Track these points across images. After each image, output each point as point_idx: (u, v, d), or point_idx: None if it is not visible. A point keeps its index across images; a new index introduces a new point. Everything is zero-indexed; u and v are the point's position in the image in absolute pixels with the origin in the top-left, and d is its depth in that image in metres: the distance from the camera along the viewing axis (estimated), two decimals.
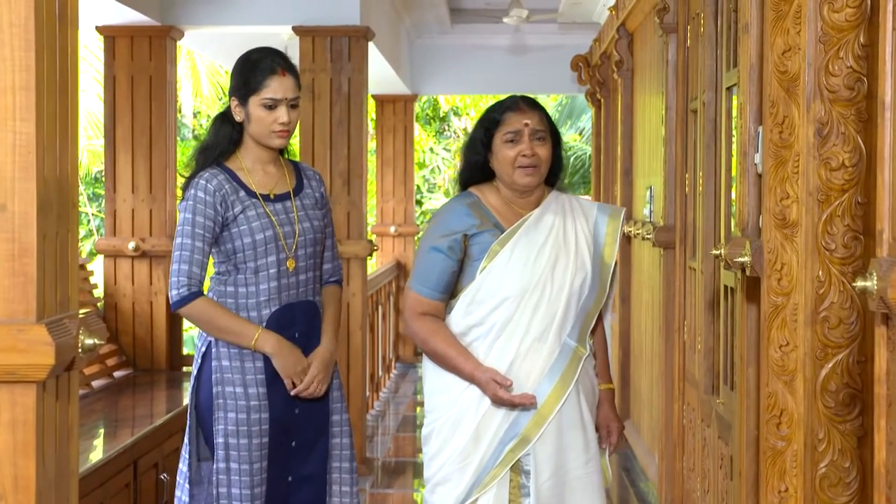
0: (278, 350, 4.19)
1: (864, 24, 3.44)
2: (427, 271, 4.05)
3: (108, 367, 7.34)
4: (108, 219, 7.78)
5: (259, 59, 4.24)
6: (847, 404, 3.50)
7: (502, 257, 4.00)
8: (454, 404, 4.00)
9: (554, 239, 4.03)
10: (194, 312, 4.18)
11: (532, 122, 4.03)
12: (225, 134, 4.31)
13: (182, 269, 4.14)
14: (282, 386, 4.23)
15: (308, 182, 4.42)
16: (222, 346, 4.21)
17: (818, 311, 3.52)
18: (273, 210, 4.24)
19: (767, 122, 3.63)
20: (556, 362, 3.98)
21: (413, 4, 11.46)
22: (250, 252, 4.18)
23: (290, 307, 4.25)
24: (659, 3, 6.33)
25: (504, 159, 4.03)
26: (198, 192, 4.18)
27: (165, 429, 6.00)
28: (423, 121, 22.03)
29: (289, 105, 4.22)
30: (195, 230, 4.15)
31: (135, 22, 7.56)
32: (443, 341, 4.00)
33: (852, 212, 3.47)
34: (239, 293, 4.21)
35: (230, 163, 4.28)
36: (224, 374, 4.20)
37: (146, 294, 7.72)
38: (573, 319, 4.02)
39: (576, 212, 4.13)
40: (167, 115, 7.72)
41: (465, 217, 4.06)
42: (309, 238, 4.30)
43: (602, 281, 4.10)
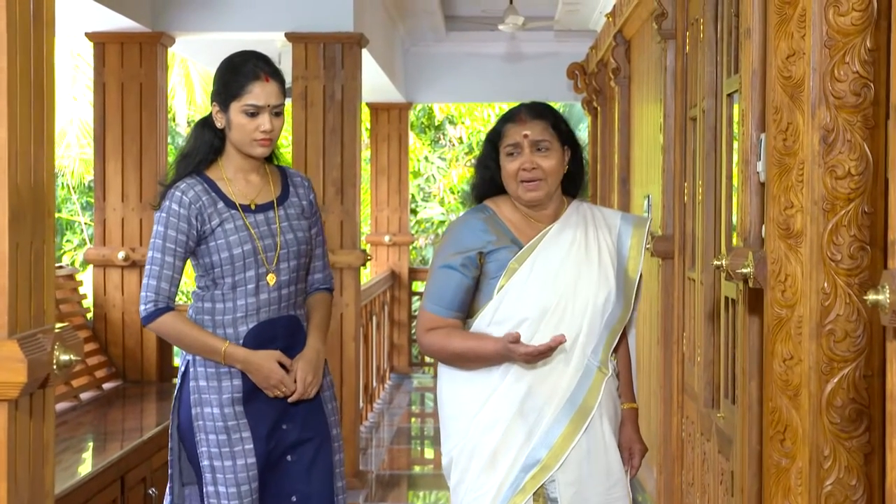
0: (247, 363, 4.02)
1: (871, 28, 3.34)
2: (440, 290, 3.84)
3: (96, 378, 7.26)
4: (98, 228, 7.70)
5: (241, 63, 4.06)
6: (853, 420, 3.39)
7: (521, 275, 3.79)
8: (467, 431, 3.80)
9: (575, 254, 3.82)
10: (162, 329, 4.05)
11: (532, 132, 3.82)
12: (205, 141, 4.11)
13: (150, 284, 4.00)
14: (263, 403, 4.07)
15: (294, 190, 4.23)
16: (199, 366, 4.05)
17: (823, 324, 3.40)
18: (253, 222, 4.06)
19: (771, 129, 3.53)
20: (579, 384, 3.76)
21: (407, 11, 11.40)
22: (228, 267, 4.02)
23: (271, 323, 4.09)
24: (657, 8, 6.24)
25: (507, 174, 3.84)
26: (172, 203, 4.00)
27: (154, 442, 5.90)
28: (418, 129, 21.93)
29: (272, 112, 4.04)
30: (166, 244, 3.98)
31: (125, 28, 7.49)
32: (459, 339, 3.79)
33: (859, 221, 3.36)
34: (216, 309, 4.06)
35: (211, 171, 4.10)
36: (202, 395, 4.05)
37: (136, 304, 7.58)
38: (596, 338, 3.80)
39: (598, 223, 3.93)
40: (158, 122, 7.64)
41: (480, 233, 3.85)
42: (292, 251, 4.11)
43: (626, 296, 3.88)
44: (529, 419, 3.73)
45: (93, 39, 7.63)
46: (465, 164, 22.44)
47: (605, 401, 3.80)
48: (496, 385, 3.78)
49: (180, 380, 4.13)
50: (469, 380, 3.83)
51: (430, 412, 11.64)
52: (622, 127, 9.08)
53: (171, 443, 4.17)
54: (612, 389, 3.86)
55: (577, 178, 3.97)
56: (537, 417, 3.73)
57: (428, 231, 21.41)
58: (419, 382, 12.89)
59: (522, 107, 3.91)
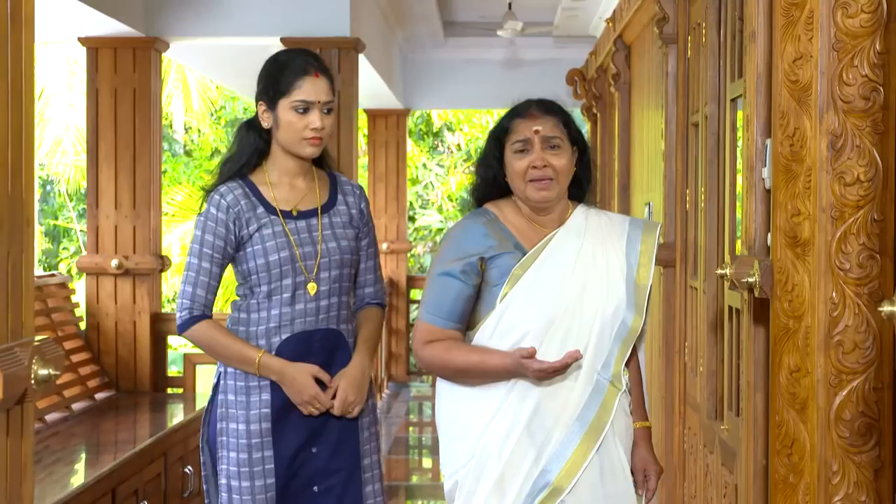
0: (282, 374, 3.84)
1: (881, 31, 3.29)
2: (439, 298, 3.61)
3: (89, 388, 7.16)
4: (91, 235, 7.60)
5: (289, 60, 3.92)
6: (863, 434, 3.32)
7: (525, 283, 3.56)
8: (472, 453, 3.56)
9: (583, 261, 3.60)
10: (196, 337, 3.90)
11: (544, 128, 3.59)
12: (250, 143, 3.98)
13: (186, 290, 3.88)
14: (294, 422, 3.89)
15: (343, 197, 4.06)
16: (230, 379, 3.91)
17: (832, 335, 3.33)
18: (293, 228, 3.90)
19: (777, 134, 3.46)
20: (589, 402, 3.53)
21: (405, 17, 11.35)
22: (264, 274, 3.86)
23: (307, 336, 3.90)
24: (658, 13, 6.17)
25: (514, 172, 3.61)
26: (210, 208, 3.89)
27: (147, 454, 5.82)
28: (417, 136, 21.90)
29: (322, 109, 3.89)
30: (203, 249, 3.87)
31: (118, 33, 7.40)
32: (461, 353, 3.55)
33: (868, 229, 3.30)
34: (251, 319, 3.91)
35: (254, 175, 3.96)
36: (229, 410, 3.90)
37: (130, 313, 7.56)
38: (607, 351, 3.57)
39: (606, 229, 3.70)
40: (152, 128, 7.55)
41: (481, 237, 3.62)
42: (334, 259, 3.93)
43: (638, 306, 3.63)
44: (538, 439, 3.50)
45: (86, 44, 7.52)
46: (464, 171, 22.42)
47: (617, 418, 3.57)
48: (500, 403, 3.55)
49: (212, 392, 4.00)
50: (472, 397, 3.60)
51: (428, 421, 11.55)
52: (622, 133, 9.01)
53: (203, 457, 4.02)
54: (626, 406, 3.64)
55: (583, 180, 3.77)
56: (546, 437, 3.50)
57: (426, 238, 21.37)
58: (417, 391, 12.81)
59: (531, 102, 3.70)
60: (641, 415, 3.76)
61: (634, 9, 7.74)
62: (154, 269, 7.54)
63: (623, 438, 3.61)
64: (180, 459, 6.31)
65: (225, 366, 3.94)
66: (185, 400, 7.49)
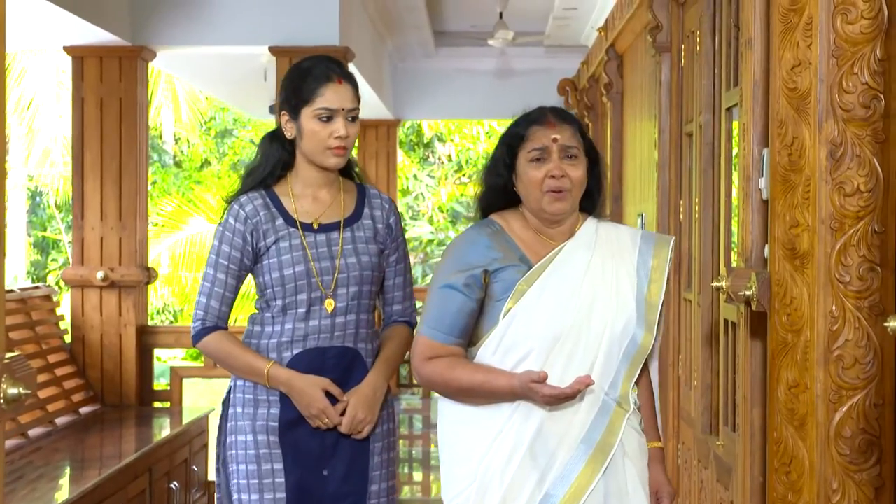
0: (290, 385, 3.72)
1: (881, 37, 3.24)
2: (440, 313, 3.43)
3: (73, 402, 7.08)
4: (76, 247, 7.51)
5: (312, 66, 3.80)
6: (863, 452, 3.27)
7: (530, 298, 3.37)
8: (474, 476, 3.37)
9: (591, 275, 3.42)
10: (208, 349, 3.81)
11: (562, 137, 3.41)
12: (273, 154, 3.87)
13: (200, 301, 3.81)
14: (303, 437, 3.77)
15: (370, 211, 3.91)
16: (238, 392, 3.82)
17: (831, 350, 3.28)
18: (312, 242, 3.78)
19: (775, 143, 3.41)
20: (595, 422, 3.35)
21: (396, 27, 11.29)
22: (278, 288, 3.75)
23: (320, 352, 3.77)
24: (651, 21, 6.14)
25: (529, 182, 3.42)
26: (229, 217, 3.81)
27: (132, 469, 5.76)
28: (407, 146, 21.89)
29: (347, 117, 3.76)
30: (219, 260, 3.79)
31: (104, 42, 7.31)
32: (465, 372, 3.37)
33: (868, 241, 3.26)
34: (263, 332, 3.80)
35: (278, 187, 3.85)
36: (238, 423, 3.80)
37: (115, 326, 7.47)
38: (614, 370, 3.38)
39: (617, 242, 3.52)
40: (138, 138, 7.47)
41: (485, 249, 3.44)
42: (353, 276, 3.79)
43: (648, 323, 3.44)
44: (541, 462, 3.32)
45: (71, 53, 7.45)
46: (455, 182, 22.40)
47: (627, 440, 3.39)
48: (503, 424, 3.38)
49: (223, 408, 3.91)
50: (474, 417, 3.43)
51: (418, 434, 11.47)
52: (615, 143, 8.97)
53: (218, 479, 3.90)
54: (636, 427, 3.44)
55: (594, 192, 3.58)
56: (550, 460, 3.34)
57: (417, 250, 21.33)
58: (407, 404, 12.72)
59: (547, 109, 3.52)
60: (654, 435, 3.56)
61: (627, 17, 7.73)
62: (140, 281, 7.46)
63: (636, 459, 3.42)
64: (166, 475, 6.26)
65: (236, 379, 3.86)
66: (172, 414, 7.41)
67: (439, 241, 21.41)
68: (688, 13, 5.71)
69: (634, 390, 3.46)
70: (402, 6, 10.54)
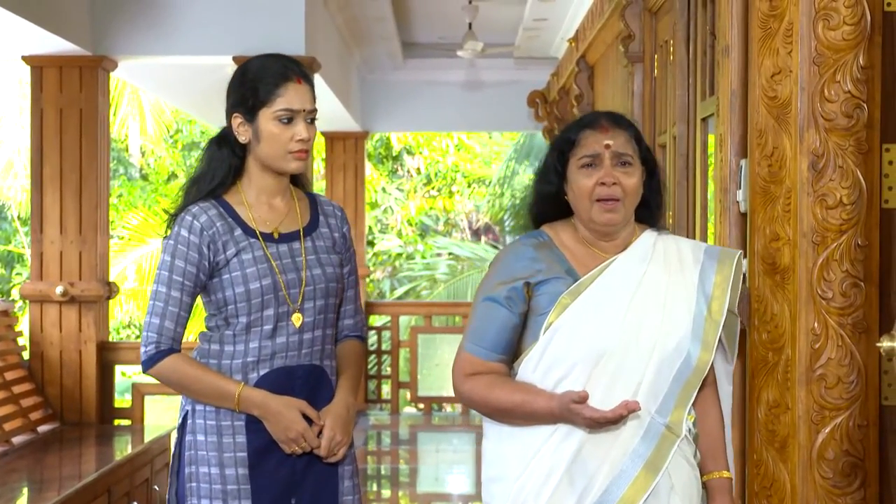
0: (265, 408, 3.44)
1: (864, 44, 3.19)
2: (482, 327, 3.25)
3: (31, 421, 6.95)
4: (35, 262, 7.39)
5: (268, 65, 3.51)
6: (847, 475, 3.22)
7: (573, 312, 3.17)
8: (510, 495, 3.19)
9: (644, 290, 3.20)
10: (164, 374, 3.47)
11: (615, 143, 3.22)
12: (223, 160, 3.57)
13: (153, 323, 3.45)
14: (273, 466, 3.50)
15: (325, 219, 3.67)
16: (199, 418, 3.49)
17: (813, 369, 3.23)
18: (275, 253, 3.51)
19: (754, 154, 3.36)
20: (640, 446, 3.10)
21: (364, 37, 11.22)
22: (243, 304, 3.45)
23: (288, 372, 3.50)
24: (623, 30, 6.08)
25: (580, 190, 3.22)
26: (181, 230, 3.48)
27: (91, 490, 5.65)
28: (376, 159, 21.84)
29: (306, 119, 3.50)
30: (173, 276, 3.46)
31: (64, 51, 7.20)
32: (504, 392, 3.19)
33: (852, 255, 3.21)
34: (224, 352, 3.49)
35: (228, 196, 3.56)
36: (198, 452, 3.48)
37: (75, 342, 7.34)
38: (664, 392, 3.13)
39: (676, 256, 3.29)
40: (99, 150, 7.36)
41: (528, 261, 3.25)
42: (319, 288, 3.55)
43: (706, 342, 3.17)
44: (578, 486, 3.12)
45: (30, 63, 7.33)
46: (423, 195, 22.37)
47: (675, 471, 3.13)
48: (540, 444, 3.18)
49: (178, 434, 3.57)
50: (513, 436, 3.24)
51: (386, 450, 11.36)
52: None
53: None
54: (689, 457, 3.18)
55: (652, 203, 3.34)
56: (588, 484, 3.12)
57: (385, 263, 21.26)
58: (376, 419, 12.59)
59: (601, 113, 3.34)
60: (721, 463, 3.26)
61: (598, 27, 7.70)
62: (101, 296, 7.35)
63: (684, 495, 3.16)
64: (126, 495, 6.19)
65: (193, 403, 3.54)
66: (133, 432, 7.30)
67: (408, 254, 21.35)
68: (661, 22, 5.68)
69: (690, 417, 3.20)
70: (370, 16, 10.47)
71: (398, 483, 9.83)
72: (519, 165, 19.71)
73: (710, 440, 3.24)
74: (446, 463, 10.46)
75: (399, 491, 9.51)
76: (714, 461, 3.23)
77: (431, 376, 12.84)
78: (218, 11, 7.62)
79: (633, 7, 6.09)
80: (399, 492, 9.48)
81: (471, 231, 23.61)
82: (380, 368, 12.98)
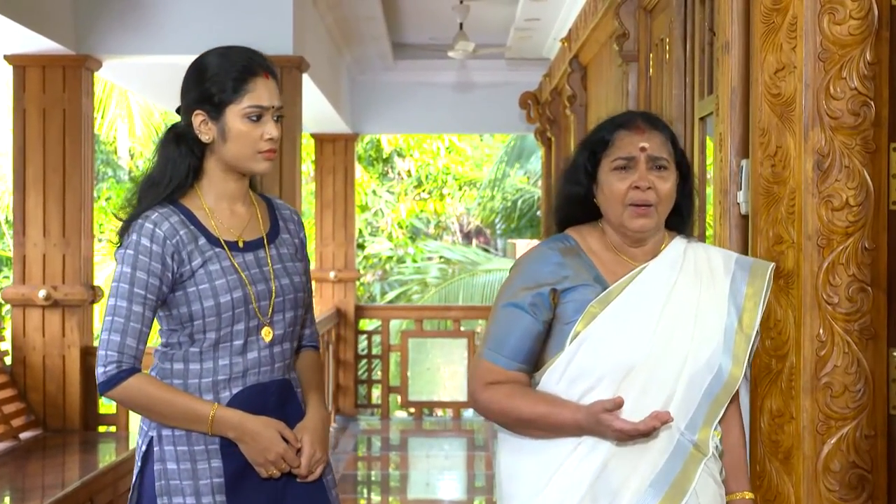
0: (241, 429, 3.21)
1: (871, 39, 3.11)
2: (503, 334, 3.10)
3: (13, 428, 6.87)
4: (17, 265, 7.28)
5: (233, 58, 3.25)
6: (854, 487, 3.15)
7: (602, 321, 3.03)
8: None
9: (674, 300, 3.07)
10: (128, 396, 3.18)
11: (651, 145, 3.06)
12: (181, 161, 3.29)
13: (112, 340, 3.17)
14: (252, 491, 3.27)
15: (285, 224, 3.46)
16: (167, 444, 3.22)
17: (819, 377, 3.16)
18: (242, 263, 3.27)
19: (756, 153, 3.28)
20: (667, 465, 2.97)
21: (354, 38, 11.15)
22: (212, 319, 3.21)
23: (262, 389, 3.28)
24: (618, 29, 5.99)
25: (612, 193, 3.08)
26: (142, 238, 3.19)
27: (74, 498, 5.55)
28: (366, 162, 21.79)
29: (274, 116, 3.26)
30: (133, 290, 3.18)
31: (47, 51, 7.10)
32: (526, 402, 3.04)
33: (858, 259, 3.14)
34: (190, 371, 3.24)
35: (186, 200, 3.30)
36: (170, 482, 3.21)
37: (58, 347, 7.24)
38: (693, 408, 3.01)
39: (707, 265, 3.16)
40: (83, 151, 7.25)
41: (555, 266, 3.09)
42: (289, 299, 3.33)
43: (736, 357, 3.05)
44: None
45: (12, 62, 7.22)
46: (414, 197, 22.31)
47: (702, 490, 3.00)
48: (563, 459, 3.05)
49: (139, 464, 3.28)
50: (534, 450, 3.10)
51: (377, 456, 11.28)
52: None
53: None
54: (715, 475, 3.06)
55: (683, 209, 3.19)
56: (611, 501, 2.98)
57: (376, 267, 21.19)
58: (367, 424, 12.50)
59: (637, 114, 3.20)
60: (743, 483, 3.13)
61: (591, 26, 7.64)
62: (85, 300, 7.26)
63: None
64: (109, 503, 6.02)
65: (159, 428, 3.25)
66: (118, 439, 7.22)
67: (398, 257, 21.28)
68: (656, 20, 5.62)
69: (717, 433, 3.08)
70: (360, 16, 10.40)
71: (388, 489, 9.75)
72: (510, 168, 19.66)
73: (733, 459, 3.12)
74: (437, 468, 10.37)
75: (389, 496, 9.43)
76: (736, 481, 3.11)
77: (422, 381, 12.76)
78: (204, 10, 7.52)
79: (627, 5, 6.01)
80: (389, 497, 9.40)
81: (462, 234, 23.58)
82: (370, 373, 12.90)
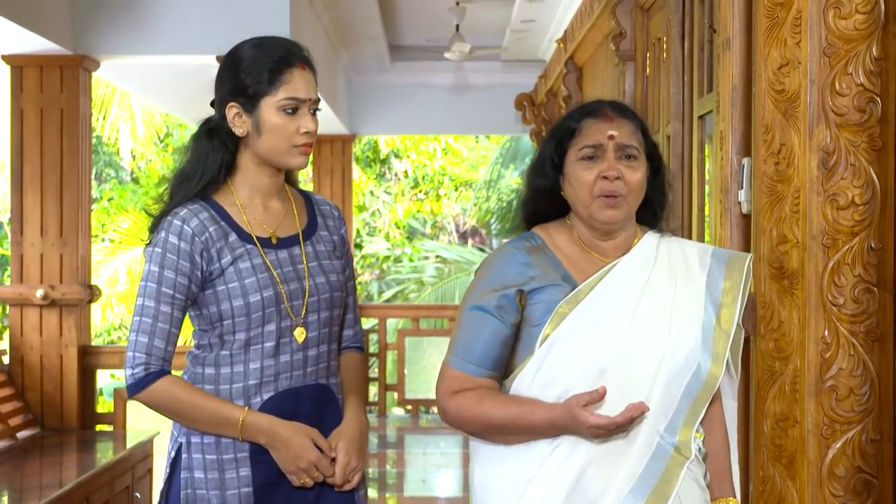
0: (273, 435, 3.09)
1: (878, 34, 3.05)
2: (470, 339, 2.97)
3: (11, 427, 6.87)
4: (15, 264, 7.31)
5: (270, 48, 3.12)
6: (859, 492, 3.08)
7: (572, 322, 2.89)
8: None
9: (648, 298, 2.94)
10: (156, 399, 3.08)
11: (620, 134, 2.93)
12: (214, 155, 3.17)
13: (140, 341, 3.06)
14: (282, 500, 3.14)
15: (323, 221, 3.32)
16: (195, 452, 3.12)
17: (823, 379, 3.09)
18: (275, 260, 3.14)
19: (759, 151, 3.21)
20: (647, 469, 2.84)
21: (350, 39, 11.15)
22: (241, 319, 3.09)
23: (294, 394, 3.16)
24: (614, 28, 5.98)
25: (579, 184, 2.93)
26: (170, 236, 3.09)
27: (70, 497, 5.54)
28: (363, 163, 21.77)
29: (310, 109, 3.14)
30: (162, 289, 3.07)
31: (45, 51, 7.11)
32: (496, 406, 2.91)
33: (864, 259, 3.07)
34: (221, 376, 3.12)
35: (218, 196, 3.18)
36: (196, 491, 3.11)
37: (56, 346, 7.27)
38: (673, 409, 2.88)
39: (681, 260, 3.04)
40: (80, 151, 7.27)
41: (521, 266, 2.95)
42: (324, 299, 3.20)
43: (716, 355, 2.93)
44: None
45: (9, 62, 7.24)
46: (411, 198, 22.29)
47: (686, 494, 2.88)
48: (536, 469, 2.90)
49: (168, 470, 3.19)
50: (506, 459, 2.96)
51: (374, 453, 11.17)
52: None
53: None
54: (698, 479, 2.94)
55: (655, 203, 3.08)
56: None
57: (373, 266, 21.18)
58: None
59: (605, 102, 3.05)
60: (726, 489, 3.03)
61: (587, 27, 7.63)
62: (82, 299, 7.28)
63: None
64: (106, 503, 6.07)
65: (188, 434, 3.16)
66: (115, 438, 7.22)
67: (395, 257, 21.28)
68: (653, 19, 5.61)
69: (699, 435, 2.98)
70: (356, 17, 10.39)
71: (385, 486, 9.69)
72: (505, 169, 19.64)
73: (717, 462, 3.02)
74: (433, 466, 10.34)
75: (386, 493, 9.37)
76: (719, 486, 3.01)
77: (419, 379, 12.73)
78: (201, 10, 7.51)
79: (624, 5, 6.00)
80: (386, 494, 9.34)
81: (458, 234, 23.55)
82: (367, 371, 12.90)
